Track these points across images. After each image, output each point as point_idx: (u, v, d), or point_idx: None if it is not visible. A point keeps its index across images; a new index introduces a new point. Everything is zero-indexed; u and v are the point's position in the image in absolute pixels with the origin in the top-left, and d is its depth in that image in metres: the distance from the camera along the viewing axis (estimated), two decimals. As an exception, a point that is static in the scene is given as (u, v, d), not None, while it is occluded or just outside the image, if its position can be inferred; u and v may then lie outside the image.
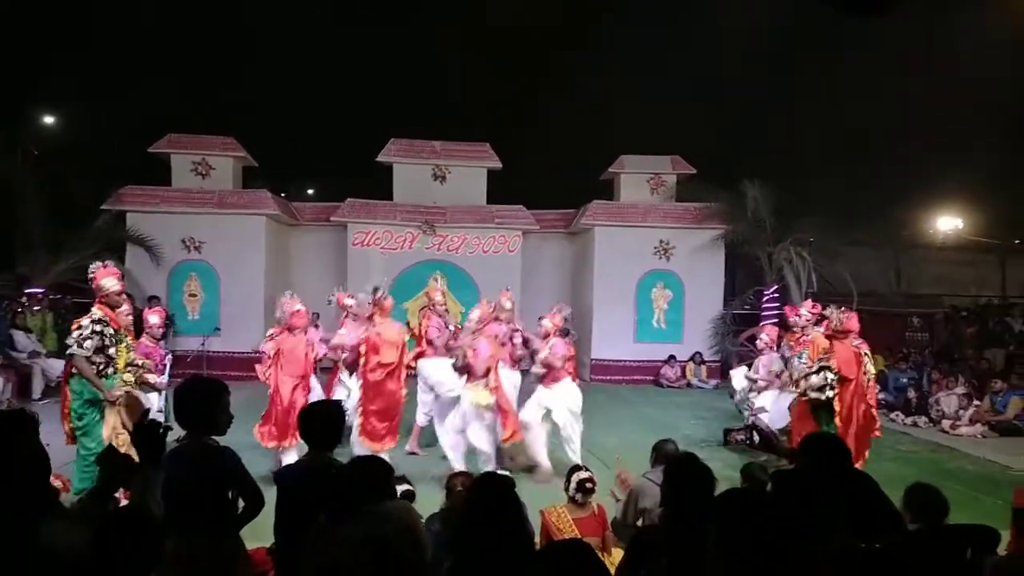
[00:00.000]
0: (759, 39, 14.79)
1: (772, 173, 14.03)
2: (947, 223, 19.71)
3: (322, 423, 3.46)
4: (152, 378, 6.38)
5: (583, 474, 4.53)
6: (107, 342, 5.56)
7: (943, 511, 3.38)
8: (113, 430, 5.53)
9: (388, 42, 19.66)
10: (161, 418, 6.54)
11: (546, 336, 7.32)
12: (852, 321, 6.91)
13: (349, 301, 8.00)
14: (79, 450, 5.52)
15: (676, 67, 16.60)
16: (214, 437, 3.27)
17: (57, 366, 9.89)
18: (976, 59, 13.65)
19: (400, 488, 3.74)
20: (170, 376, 7.21)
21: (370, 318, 7.15)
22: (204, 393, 3.26)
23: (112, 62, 16.43)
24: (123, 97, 16.99)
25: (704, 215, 14.43)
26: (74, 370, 5.53)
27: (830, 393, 6.62)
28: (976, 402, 10.63)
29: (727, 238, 14.34)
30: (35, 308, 11.64)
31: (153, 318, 6.90)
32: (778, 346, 8.88)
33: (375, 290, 7.20)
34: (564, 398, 7.09)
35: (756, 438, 8.37)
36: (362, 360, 6.87)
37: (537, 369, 7.22)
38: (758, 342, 9.00)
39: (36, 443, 2.43)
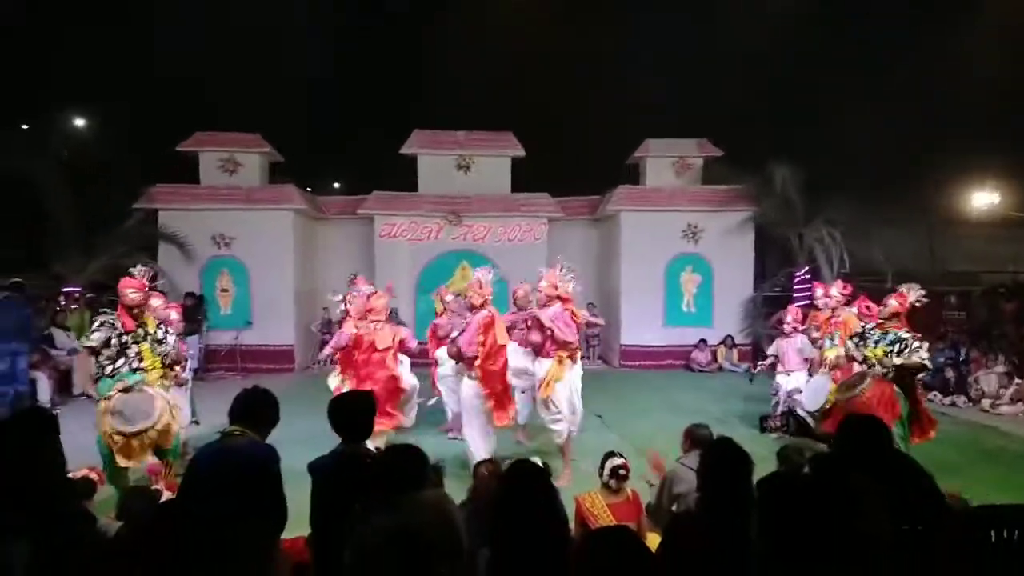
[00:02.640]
0: (782, 16, 14.51)
1: (801, 152, 13.78)
2: (983, 199, 19.23)
3: (354, 414, 3.48)
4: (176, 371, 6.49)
5: (617, 460, 4.50)
6: (117, 340, 5.77)
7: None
8: (105, 433, 5.60)
9: (410, 33, 19.63)
10: (187, 413, 6.65)
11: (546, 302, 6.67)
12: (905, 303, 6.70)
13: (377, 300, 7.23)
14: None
15: (700, 47, 16.37)
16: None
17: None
18: (1013, 26, 13.24)
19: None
20: (203, 369, 7.30)
21: (364, 316, 6.86)
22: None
23: (133, 58, 16.56)
24: (148, 96, 17.20)
25: (732, 197, 14.24)
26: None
27: (924, 357, 6.40)
28: (1017, 380, 10.38)
29: (756, 219, 14.13)
30: (73, 307, 11.88)
31: (171, 314, 6.96)
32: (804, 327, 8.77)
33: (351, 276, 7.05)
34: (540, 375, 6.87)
35: (792, 424, 8.27)
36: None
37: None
38: (784, 324, 8.89)
39: (49, 442, 2.48)
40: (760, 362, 9.23)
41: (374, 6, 18.98)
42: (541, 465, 3.26)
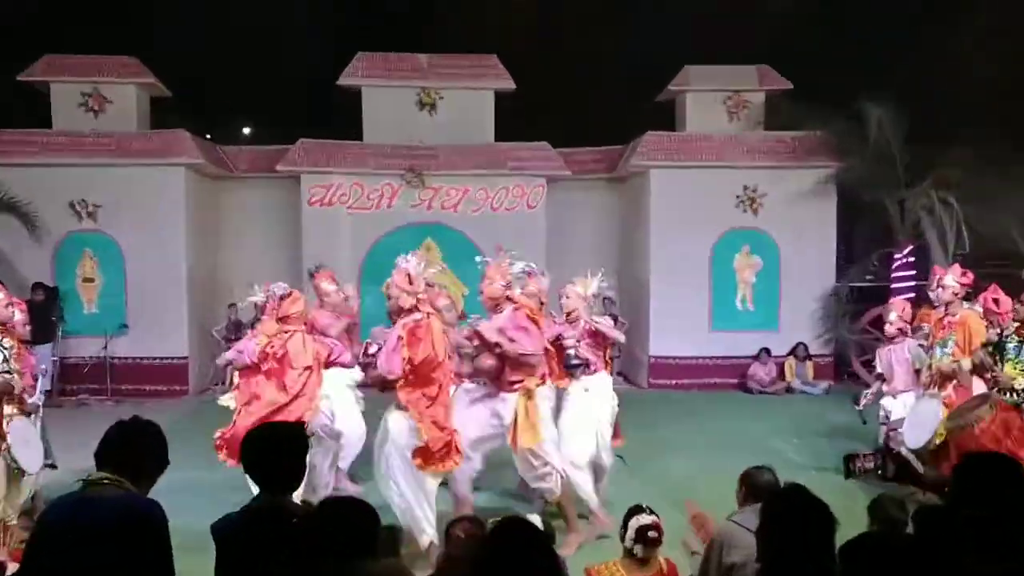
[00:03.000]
0: None
1: (903, 87, 13.82)
2: None
3: (277, 453, 3.47)
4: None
5: (644, 518, 4.51)
6: None
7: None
8: None
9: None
10: (36, 455, 6.61)
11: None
12: None
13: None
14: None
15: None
16: None
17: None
18: None
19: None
20: (58, 391, 7.29)
21: (282, 320, 6.86)
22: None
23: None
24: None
25: (806, 148, 14.30)
26: None
27: None
28: None
29: (840, 180, 14.22)
30: None
31: (14, 313, 6.81)
32: (913, 329, 8.82)
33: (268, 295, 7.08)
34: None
35: (891, 465, 8.30)
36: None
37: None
38: (886, 325, 8.91)
39: None
40: (867, 391, 9.23)
41: None
42: (540, 526, 3.28)
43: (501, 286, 6.52)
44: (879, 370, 8.89)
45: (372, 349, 6.70)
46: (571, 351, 7.03)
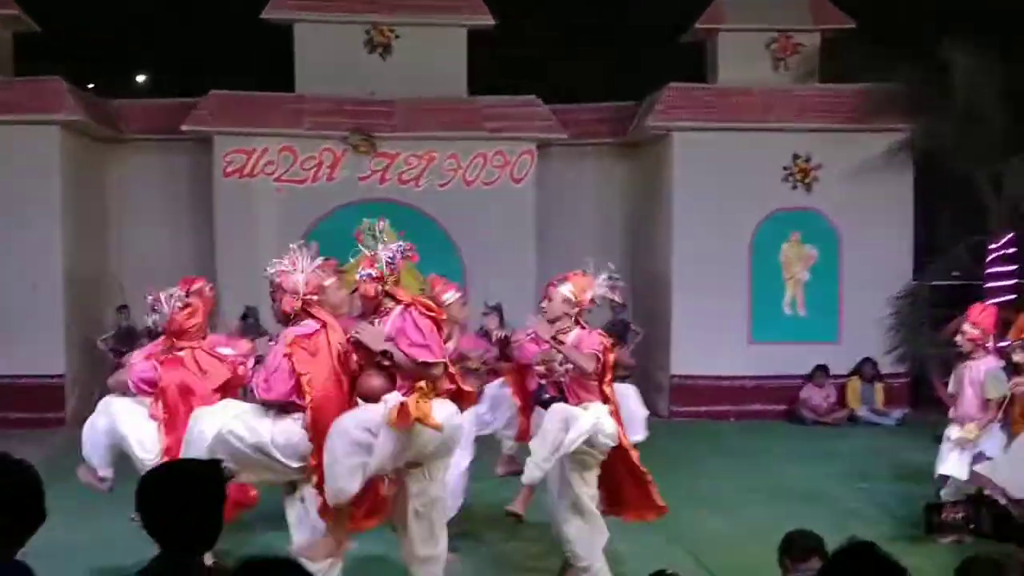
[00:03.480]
0: None
1: (998, 26, 13.88)
2: None
3: (184, 499, 3.43)
4: None
5: (673, 586, 4.48)
6: None
7: None
8: None
9: None
10: None
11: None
12: None
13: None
14: None
15: None
16: None
17: None
18: None
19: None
20: None
21: (174, 335, 7.09)
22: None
23: None
24: None
25: (873, 106, 14.29)
26: None
27: None
28: None
29: (918, 148, 14.26)
30: None
31: None
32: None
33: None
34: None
35: (986, 517, 8.32)
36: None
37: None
38: (959, 336, 8.95)
39: None
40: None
41: None
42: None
43: (367, 276, 6.38)
44: (950, 390, 8.95)
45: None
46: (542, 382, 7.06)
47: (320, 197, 14.42)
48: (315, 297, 6.30)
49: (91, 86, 16.25)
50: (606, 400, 6.95)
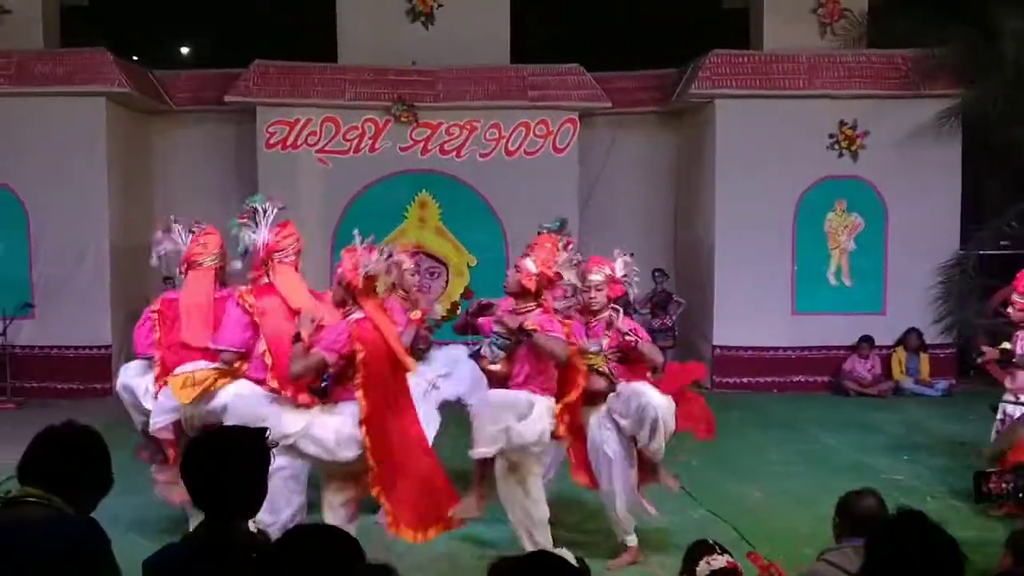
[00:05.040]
0: None
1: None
2: None
3: (228, 467, 3.46)
4: None
5: (718, 560, 4.47)
6: None
7: None
8: None
9: None
10: None
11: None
12: None
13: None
14: None
15: None
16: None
17: None
18: None
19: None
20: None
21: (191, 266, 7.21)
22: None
23: None
24: None
25: (922, 72, 14.15)
26: None
27: None
28: None
29: (967, 115, 14.07)
30: None
31: None
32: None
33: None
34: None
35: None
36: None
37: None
38: (1011, 307, 8.89)
39: None
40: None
41: None
42: (575, 563, 3.26)
43: (355, 269, 6.24)
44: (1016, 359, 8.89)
45: None
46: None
47: (362, 168, 14.46)
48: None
49: (136, 58, 16.26)
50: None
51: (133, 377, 7.29)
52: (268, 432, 3.75)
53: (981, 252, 14.22)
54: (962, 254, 14.25)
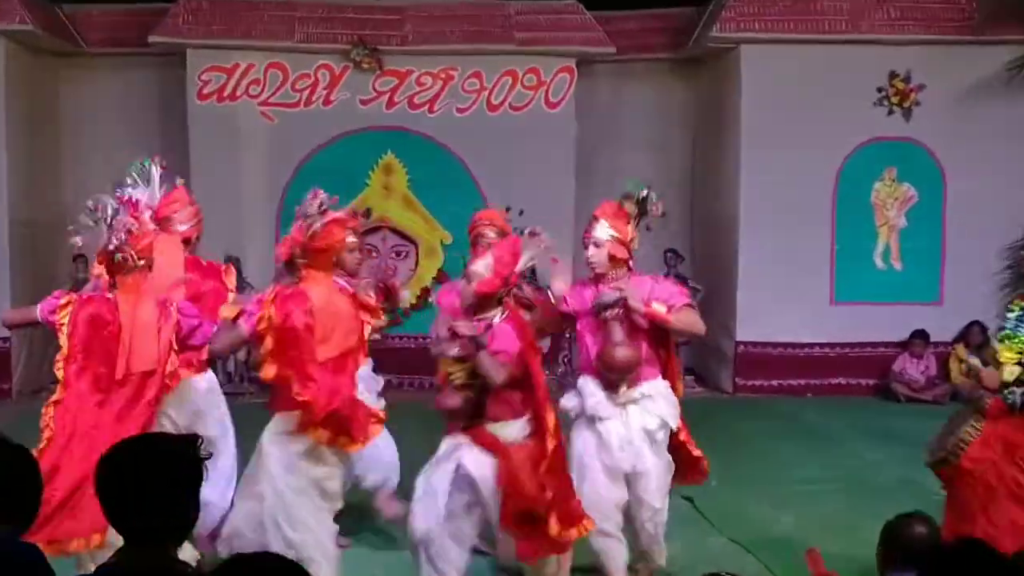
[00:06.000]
0: None
1: None
2: None
3: (150, 483, 3.50)
4: None
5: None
6: None
7: None
8: None
9: None
10: None
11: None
12: None
13: None
14: None
15: None
16: None
17: None
18: None
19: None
20: None
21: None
22: None
23: None
24: None
25: (987, 13, 14.14)
26: None
27: None
28: None
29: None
30: None
31: None
32: None
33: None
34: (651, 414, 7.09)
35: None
36: None
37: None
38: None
39: None
40: None
41: None
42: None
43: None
44: None
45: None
46: None
47: (315, 125, 14.48)
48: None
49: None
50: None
51: None
52: (200, 440, 3.76)
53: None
54: (1034, 233, 14.27)
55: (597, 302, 6.91)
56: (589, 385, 7.07)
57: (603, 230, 7.10)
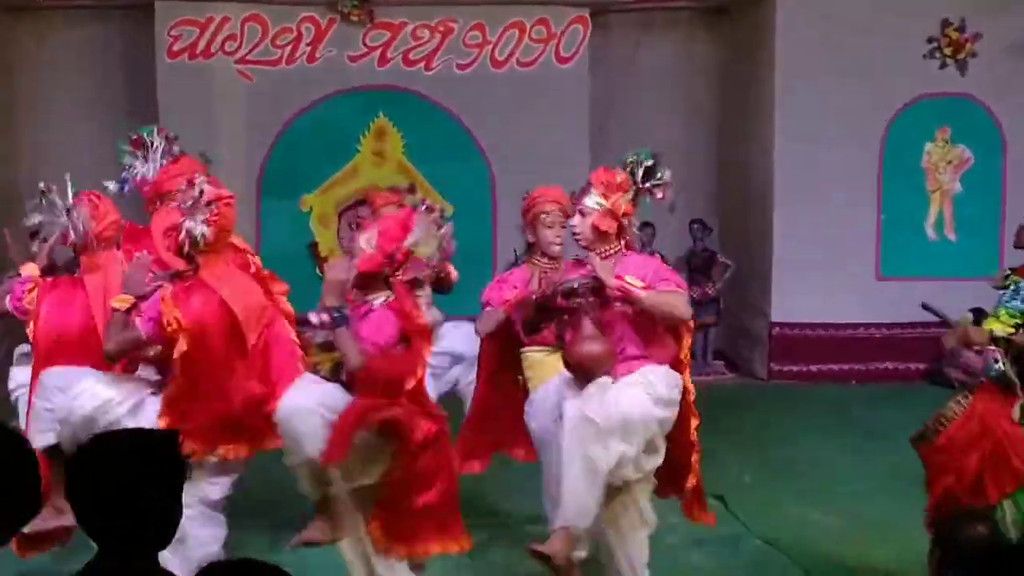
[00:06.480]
0: None
1: None
2: None
3: (128, 484, 3.42)
4: None
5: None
6: None
7: None
8: None
9: None
10: None
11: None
12: None
13: None
14: None
15: None
16: None
17: None
18: None
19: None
20: None
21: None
22: None
23: None
24: None
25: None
26: None
27: None
28: None
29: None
30: None
31: None
32: None
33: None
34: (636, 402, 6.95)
35: None
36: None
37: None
38: None
39: None
40: None
41: None
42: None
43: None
44: None
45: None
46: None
47: (298, 84, 14.46)
48: None
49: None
50: None
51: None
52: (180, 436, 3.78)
53: None
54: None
55: (558, 286, 6.79)
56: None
57: (591, 198, 7.06)
